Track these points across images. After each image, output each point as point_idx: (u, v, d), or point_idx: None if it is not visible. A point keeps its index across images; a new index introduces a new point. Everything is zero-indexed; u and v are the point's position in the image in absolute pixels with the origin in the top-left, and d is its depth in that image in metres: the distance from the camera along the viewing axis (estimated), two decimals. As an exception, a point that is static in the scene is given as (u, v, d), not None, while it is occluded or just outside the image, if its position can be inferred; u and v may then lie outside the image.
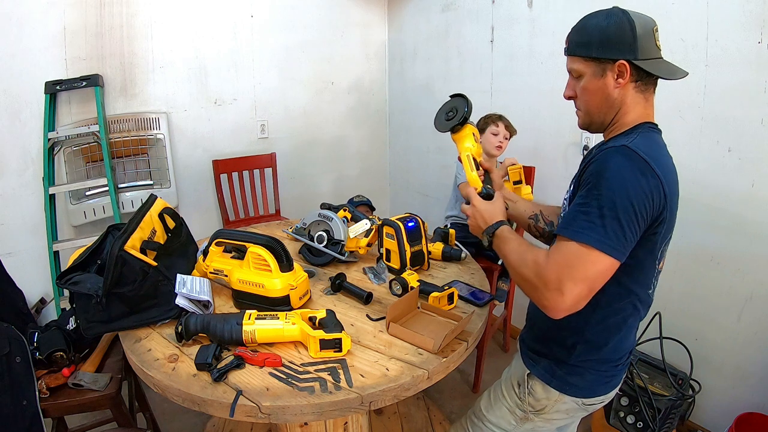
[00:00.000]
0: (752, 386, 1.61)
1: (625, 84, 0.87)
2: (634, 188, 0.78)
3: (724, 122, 1.56)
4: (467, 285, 1.37)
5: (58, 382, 1.29)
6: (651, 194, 0.79)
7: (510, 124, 2.11)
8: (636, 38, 0.84)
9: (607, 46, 0.86)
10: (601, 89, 0.89)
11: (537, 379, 1.01)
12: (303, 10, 2.81)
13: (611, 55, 0.86)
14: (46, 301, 2.27)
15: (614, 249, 0.78)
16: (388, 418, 1.88)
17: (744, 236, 1.56)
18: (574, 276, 0.78)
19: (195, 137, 2.61)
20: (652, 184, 0.79)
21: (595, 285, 0.80)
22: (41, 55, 2.13)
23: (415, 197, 3.19)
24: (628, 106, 0.89)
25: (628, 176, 0.79)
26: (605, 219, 0.78)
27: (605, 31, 0.86)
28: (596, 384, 0.97)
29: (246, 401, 0.88)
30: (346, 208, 1.63)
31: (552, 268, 0.80)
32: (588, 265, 0.78)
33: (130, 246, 1.14)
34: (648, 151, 0.81)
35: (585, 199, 0.81)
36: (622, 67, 0.85)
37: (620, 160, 0.80)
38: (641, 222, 0.79)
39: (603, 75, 0.88)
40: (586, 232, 0.78)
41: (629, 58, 0.85)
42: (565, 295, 0.78)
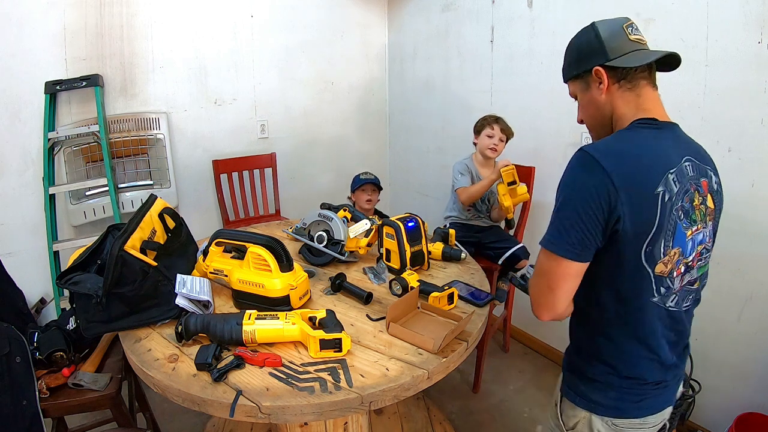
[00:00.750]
0: (752, 386, 1.61)
1: (608, 87, 0.87)
2: (576, 187, 0.80)
3: (724, 122, 1.56)
4: (467, 285, 1.37)
5: (58, 382, 1.29)
6: (595, 191, 0.77)
7: (506, 126, 2.11)
8: (602, 42, 0.86)
9: (581, 60, 0.90)
10: (591, 100, 0.91)
11: (565, 396, 0.96)
12: (303, 10, 2.81)
13: (586, 66, 0.89)
14: (46, 301, 2.27)
15: (560, 247, 0.80)
16: (388, 418, 1.88)
17: (744, 236, 1.56)
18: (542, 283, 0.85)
19: (195, 137, 2.61)
20: (597, 179, 0.77)
21: (555, 285, 0.83)
22: (41, 55, 2.13)
23: (415, 197, 3.19)
24: (619, 107, 0.88)
25: (574, 176, 0.81)
26: (555, 222, 0.82)
27: (576, 47, 0.92)
28: (623, 402, 0.89)
29: (246, 401, 0.88)
30: (346, 208, 1.63)
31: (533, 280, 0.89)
32: (550, 271, 0.83)
33: (130, 246, 1.14)
34: (605, 147, 0.81)
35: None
36: (598, 73, 0.87)
37: (572, 162, 0.82)
38: (588, 222, 0.78)
39: (588, 87, 0.91)
40: (546, 238, 0.83)
41: (601, 62, 0.86)
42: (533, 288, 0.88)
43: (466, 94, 2.63)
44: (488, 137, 2.10)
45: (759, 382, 1.59)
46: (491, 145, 2.09)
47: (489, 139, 2.10)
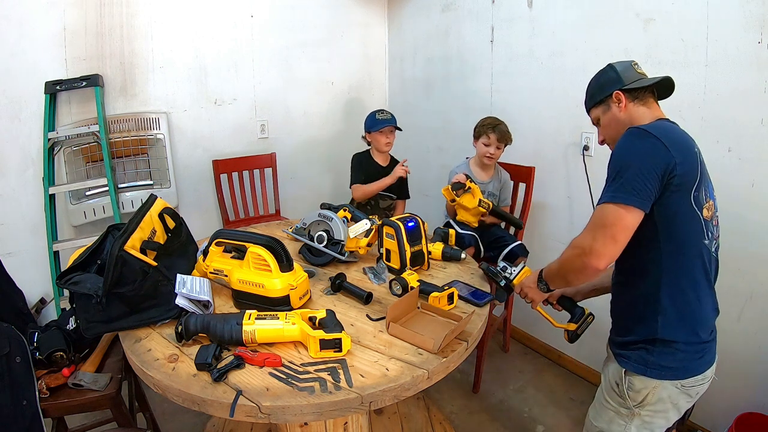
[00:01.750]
0: (752, 386, 1.61)
1: (626, 105, 1.11)
2: (632, 150, 0.98)
3: (724, 122, 1.56)
4: (467, 285, 1.37)
5: (58, 382, 1.29)
6: (651, 149, 0.96)
7: (504, 134, 2.08)
8: (618, 74, 1.13)
9: (602, 89, 1.15)
10: (612, 118, 1.13)
11: (633, 373, 1.05)
12: (303, 10, 2.81)
13: (607, 92, 1.14)
14: (46, 301, 2.27)
15: (625, 198, 0.95)
16: (388, 418, 1.88)
17: (744, 236, 1.56)
18: (602, 229, 0.97)
19: (195, 137, 2.61)
20: (649, 143, 0.96)
21: (617, 232, 0.96)
22: (41, 55, 2.13)
23: (415, 197, 3.19)
24: (635, 119, 1.09)
25: (628, 145, 1.00)
26: (614, 181, 0.98)
27: (597, 82, 1.18)
28: (689, 362, 1.03)
29: (246, 401, 0.88)
30: (346, 208, 1.63)
31: (585, 231, 1.01)
32: (607, 217, 0.96)
33: (130, 246, 1.14)
34: (651, 126, 1.00)
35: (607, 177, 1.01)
36: (617, 95, 1.11)
37: (623, 137, 1.01)
38: (648, 175, 0.95)
39: (609, 108, 1.14)
40: (603, 196, 0.99)
41: (619, 87, 1.11)
42: (595, 242, 0.97)
43: (466, 94, 2.62)
44: (485, 145, 2.10)
45: (759, 382, 1.59)
46: (487, 154, 2.10)
47: (485, 147, 2.10)
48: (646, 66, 1.68)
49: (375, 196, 2.40)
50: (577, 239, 1.02)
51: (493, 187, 2.19)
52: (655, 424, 1.08)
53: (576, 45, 1.99)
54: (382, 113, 2.35)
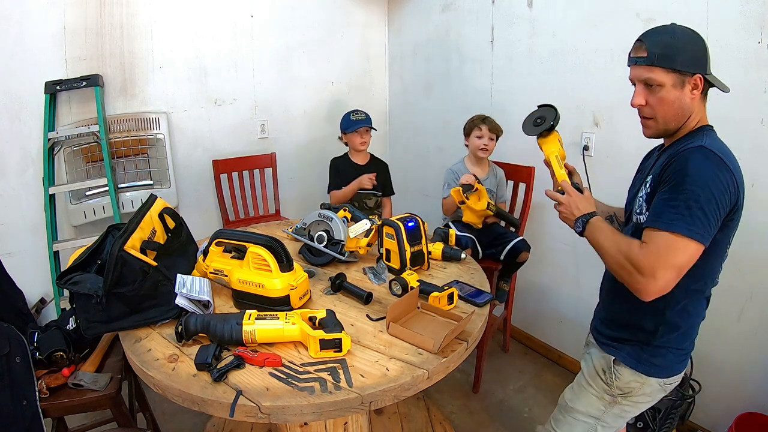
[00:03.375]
0: (752, 386, 1.61)
1: (698, 95, 1.00)
2: (714, 182, 0.90)
3: (724, 122, 1.56)
4: (467, 285, 1.37)
5: (58, 382, 1.29)
6: (728, 186, 0.91)
7: (494, 125, 2.12)
8: (707, 56, 0.99)
9: (692, 61, 0.97)
10: (678, 99, 0.99)
11: (623, 364, 1.08)
12: (303, 10, 2.81)
13: (693, 69, 0.97)
14: (46, 301, 2.27)
15: (700, 235, 0.89)
16: (388, 418, 1.88)
17: (744, 236, 1.55)
18: (666, 263, 0.90)
19: (195, 137, 2.61)
20: (727, 177, 0.91)
21: (683, 269, 0.91)
22: (41, 55, 2.13)
23: (415, 197, 3.19)
24: (695, 113, 1.02)
25: (708, 172, 0.91)
26: (691, 210, 0.89)
27: (693, 47, 0.98)
28: (675, 363, 1.07)
29: (246, 401, 0.88)
30: (346, 208, 1.63)
31: (646, 256, 0.91)
32: (678, 252, 0.90)
33: (130, 246, 1.14)
34: (720, 149, 0.95)
35: (670, 194, 0.92)
36: (698, 80, 0.98)
37: (700, 158, 0.92)
38: (721, 211, 0.91)
39: (681, 86, 0.98)
40: (676, 223, 0.90)
41: (703, 72, 0.98)
42: (658, 280, 0.90)
43: (466, 94, 2.62)
44: (477, 138, 2.12)
45: (759, 382, 1.59)
46: (481, 146, 2.11)
47: (479, 140, 2.11)
48: (646, 66, 1.70)
49: (359, 196, 2.44)
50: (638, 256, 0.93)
51: (490, 183, 2.20)
52: (629, 413, 1.14)
53: (576, 45, 1.99)
54: (356, 114, 2.40)
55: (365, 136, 2.42)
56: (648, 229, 0.95)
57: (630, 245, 0.96)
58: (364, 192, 2.45)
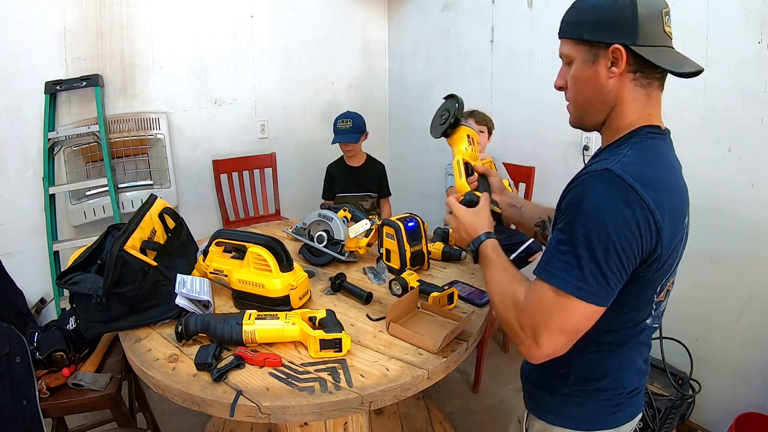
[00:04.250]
0: (752, 386, 1.61)
1: (621, 74, 0.72)
2: (615, 222, 0.65)
3: (724, 122, 1.56)
4: (467, 285, 1.37)
5: (58, 382, 1.29)
6: (638, 227, 0.65)
7: (482, 117, 2.10)
8: (637, 19, 0.70)
9: (601, 27, 0.72)
10: (592, 78, 0.75)
11: (533, 415, 0.90)
12: (303, 10, 2.81)
13: (605, 38, 0.71)
14: (46, 301, 2.27)
15: (594, 295, 0.67)
16: (388, 418, 1.88)
17: (744, 236, 1.56)
18: (550, 325, 0.69)
19: (195, 137, 2.61)
20: (640, 215, 0.65)
21: (574, 334, 0.70)
22: (41, 55, 2.13)
23: (415, 197, 3.19)
24: (625, 103, 0.75)
25: (608, 208, 0.65)
26: (581, 260, 0.66)
27: (600, 9, 0.72)
28: (599, 415, 0.84)
29: (246, 401, 0.88)
30: (346, 208, 1.63)
31: (528, 313, 0.71)
32: (564, 314, 0.68)
33: (130, 246, 1.14)
34: (640, 171, 0.67)
35: (562, 235, 0.69)
36: (616, 52, 0.71)
37: (600, 188, 0.66)
38: (626, 262, 0.67)
39: (595, 61, 0.74)
40: (562, 275, 0.68)
41: (626, 42, 0.70)
42: (541, 346, 0.70)
43: (466, 94, 2.59)
44: None
45: (759, 382, 1.59)
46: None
47: None
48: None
49: (354, 199, 2.45)
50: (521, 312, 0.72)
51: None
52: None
53: (576, 45, 1.99)
54: (343, 122, 2.37)
55: (350, 146, 2.40)
56: (537, 277, 0.72)
57: (515, 294, 0.74)
58: (359, 194, 2.46)
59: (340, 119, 2.39)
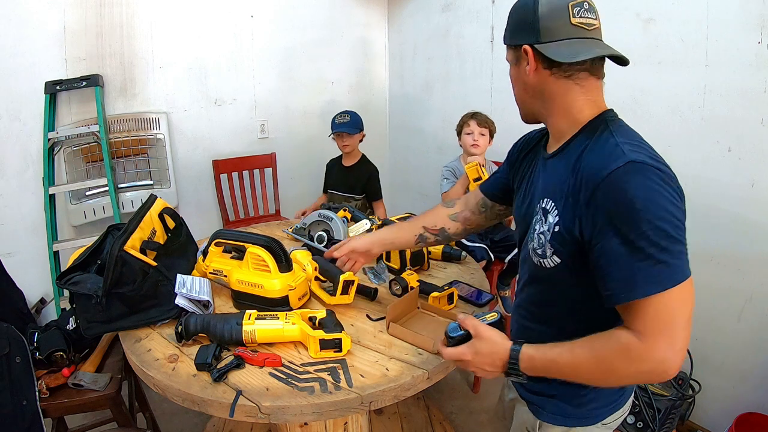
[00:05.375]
0: (752, 386, 1.61)
1: (537, 70, 0.77)
2: (668, 201, 0.67)
3: (724, 122, 1.56)
4: (467, 285, 1.37)
5: (58, 382, 1.29)
6: (678, 196, 0.69)
7: (484, 120, 2.10)
8: (537, 19, 0.74)
9: (515, 30, 0.80)
10: (518, 77, 0.83)
11: (551, 424, 0.88)
12: (303, 10, 2.81)
13: (517, 40, 0.78)
14: (46, 301, 2.27)
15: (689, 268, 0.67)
16: (388, 418, 1.88)
17: (744, 236, 1.56)
18: (680, 325, 0.66)
19: (195, 137, 2.61)
20: (673, 186, 0.69)
21: (691, 314, 0.68)
22: (41, 55, 2.13)
23: (415, 197, 3.19)
24: (555, 96, 0.78)
25: (657, 193, 0.67)
26: (668, 251, 0.65)
27: (514, 12, 0.80)
28: (610, 401, 0.87)
29: (246, 401, 0.88)
30: (346, 208, 1.64)
31: (655, 340, 0.66)
32: (679, 304, 0.66)
33: (130, 246, 1.14)
34: (647, 152, 0.70)
35: (630, 247, 0.66)
36: (525, 51, 0.77)
37: (640, 181, 0.67)
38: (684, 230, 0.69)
39: (518, 62, 0.81)
40: (663, 276, 0.65)
41: (530, 42, 0.76)
42: (679, 349, 0.66)
43: (466, 94, 2.62)
44: (467, 134, 2.11)
45: (759, 382, 1.59)
46: (471, 142, 2.10)
47: (468, 136, 2.11)
48: (645, 66, 1.70)
49: (339, 198, 2.44)
50: (641, 344, 0.66)
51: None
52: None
53: (576, 45, 1.98)
54: (341, 116, 2.38)
55: (346, 140, 2.38)
56: (630, 304, 0.68)
57: (619, 344, 0.68)
58: (343, 194, 2.45)
59: (338, 115, 2.40)
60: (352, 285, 1.21)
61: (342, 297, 1.19)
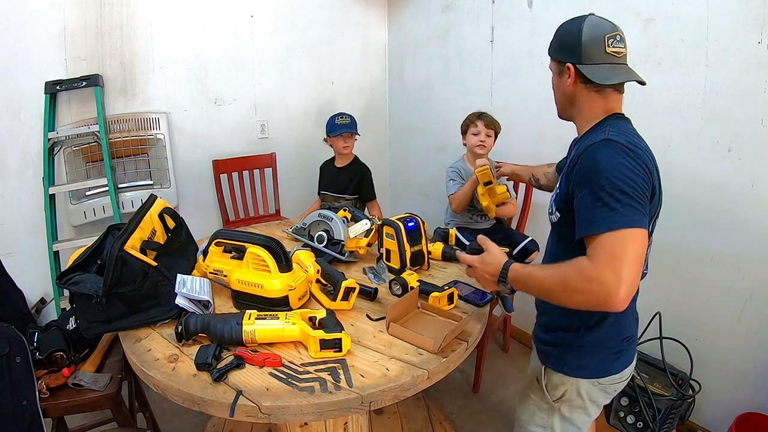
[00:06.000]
0: (752, 386, 1.61)
1: (575, 83, 1.00)
2: (628, 168, 0.87)
3: (724, 122, 1.56)
4: (467, 285, 1.37)
5: (58, 382, 1.29)
6: (641, 169, 0.88)
7: (491, 121, 2.10)
8: (580, 44, 0.97)
9: (561, 49, 1.03)
10: (559, 86, 1.07)
11: (551, 369, 1.08)
12: (303, 10, 2.81)
13: (562, 58, 1.02)
14: (46, 301, 2.27)
15: (639, 221, 0.84)
16: (388, 418, 1.88)
17: (744, 236, 1.56)
18: (626, 260, 0.81)
19: (195, 137, 2.61)
20: (638, 162, 0.89)
21: (642, 260, 0.84)
22: (41, 55, 2.13)
23: (415, 197, 3.19)
24: (583, 103, 1.02)
25: (618, 160, 0.88)
26: (618, 202, 0.85)
27: (561, 34, 1.04)
28: (606, 362, 1.03)
29: (246, 401, 0.88)
30: (346, 208, 1.64)
31: (603, 266, 0.82)
32: (631, 245, 0.83)
33: (130, 246, 1.14)
34: (625, 138, 0.92)
35: (592, 196, 0.88)
36: (568, 68, 1.00)
37: (606, 151, 0.90)
38: (645, 191, 0.88)
39: (560, 74, 1.04)
40: (614, 219, 0.84)
41: (573, 61, 0.99)
42: (625, 280, 0.80)
43: (467, 94, 2.62)
44: (474, 135, 2.11)
45: (759, 382, 1.59)
46: (478, 143, 2.10)
47: (475, 137, 2.11)
48: (646, 66, 1.70)
49: (331, 199, 2.47)
50: (591, 268, 0.83)
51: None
52: (577, 420, 1.09)
53: (576, 45, 1.99)
54: (341, 117, 2.41)
55: (349, 141, 2.43)
56: (588, 238, 0.87)
57: (577, 266, 0.85)
58: (334, 195, 2.48)
59: (337, 116, 2.42)
60: (353, 292, 1.21)
61: (342, 303, 1.20)
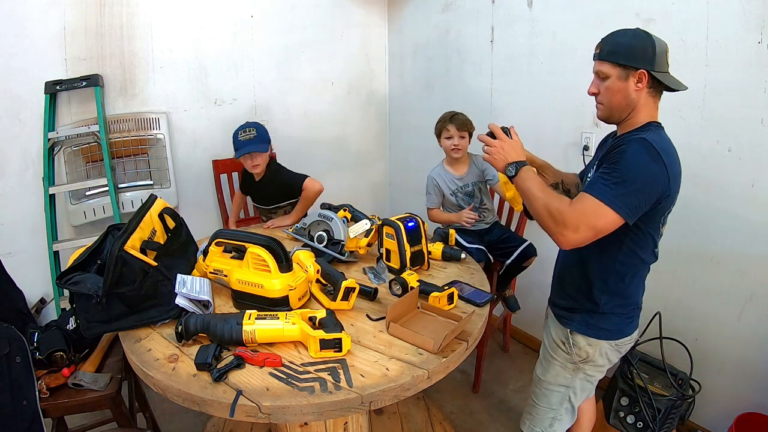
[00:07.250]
0: (752, 386, 1.61)
1: (642, 88, 1.10)
2: (645, 170, 1.03)
3: (724, 122, 1.56)
4: (467, 285, 1.37)
5: (58, 382, 1.29)
6: (656, 178, 1.04)
7: (463, 122, 2.06)
8: (655, 54, 1.08)
9: (633, 57, 1.09)
10: (622, 90, 1.12)
11: (577, 333, 1.23)
12: (303, 10, 2.81)
13: (635, 64, 1.09)
14: (46, 301, 2.27)
15: (620, 209, 1.02)
16: (388, 418, 1.88)
17: (744, 236, 1.56)
18: (588, 222, 1.03)
19: (195, 137, 2.60)
20: (658, 170, 1.04)
21: (601, 232, 1.05)
22: (41, 55, 2.13)
23: (415, 197, 3.19)
24: (640, 107, 1.12)
25: (642, 161, 1.04)
26: (618, 186, 1.02)
27: (631, 44, 1.10)
28: (622, 325, 1.23)
29: (246, 401, 0.88)
30: (346, 208, 1.64)
31: (574, 214, 1.04)
32: (600, 217, 1.03)
33: (130, 246, 1.14)
34: (661, 144, 1.06)
35: (607, 171, 1.05)
36: (642, 74, 1.08)
37: (639, 148, 1.05)
38: (646, 197, 1.04)
39: (626, 79, 1.10)
40: (603, 192, 1.03)
41: (647, 68, 1.08)
42: (579, 234, 1.04)
43: (466, 94, 2.62)
44: (447, 139, 2.10)
45: (759, 382, 1.59)
46: (452, 146, 2.09)
47: (449, 140, 2.09)
48: (646, 66, 1.69)
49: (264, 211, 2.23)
50: (567, 212, 1.05)
51: (475, 177, 2.16)
52: (594, 377, 1.29)
53: (576, 45, 1.99)
54: (244, 132, 2.03)
55: (257, 159, 2.05)
56: (582, 192, 1.07)
57: (561, 201, 1.08)
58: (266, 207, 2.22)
59: (240, 130, 2.05)
60: (353, 292, 1.21)
61: (342, 303, 1.20)
